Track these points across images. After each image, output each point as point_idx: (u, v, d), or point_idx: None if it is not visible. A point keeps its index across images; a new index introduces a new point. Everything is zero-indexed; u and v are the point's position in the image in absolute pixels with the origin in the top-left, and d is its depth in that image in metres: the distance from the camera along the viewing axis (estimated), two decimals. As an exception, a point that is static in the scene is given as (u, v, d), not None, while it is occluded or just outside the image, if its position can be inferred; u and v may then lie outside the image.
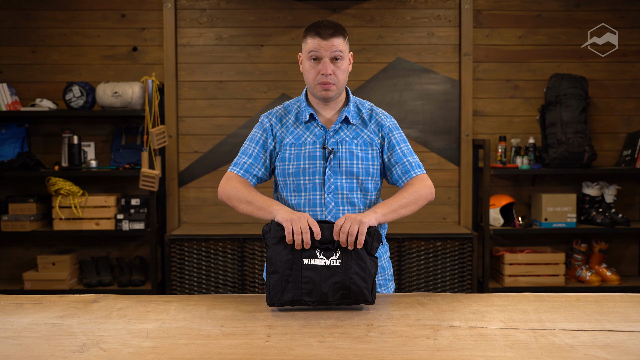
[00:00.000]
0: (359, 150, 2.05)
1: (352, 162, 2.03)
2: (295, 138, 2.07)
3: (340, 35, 2.03)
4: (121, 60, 4.45)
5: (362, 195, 2.06)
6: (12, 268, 4.49)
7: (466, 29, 4.40)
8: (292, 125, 2.09)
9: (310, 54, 2.01)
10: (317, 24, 2.02)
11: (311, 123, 2.08)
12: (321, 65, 2.01)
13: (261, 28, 4.44)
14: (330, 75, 2.01)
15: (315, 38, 2.00)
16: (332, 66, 2.01)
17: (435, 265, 4.13)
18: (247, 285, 4.12)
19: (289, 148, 2.06)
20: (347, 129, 2.08)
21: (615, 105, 4.52)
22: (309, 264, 1.80)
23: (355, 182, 2.04)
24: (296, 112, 2.11)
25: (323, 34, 1.99)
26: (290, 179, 2.05)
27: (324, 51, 2.00)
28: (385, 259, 2.16)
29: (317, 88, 2.04)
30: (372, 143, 2.08)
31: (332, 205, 2.02)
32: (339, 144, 2.04)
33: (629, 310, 1.82)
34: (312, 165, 2.03)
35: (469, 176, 4.46)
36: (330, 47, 2.00)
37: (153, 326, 1.68)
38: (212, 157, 4.46)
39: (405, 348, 1.51)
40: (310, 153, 2.04)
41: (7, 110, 4.17)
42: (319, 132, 2.06)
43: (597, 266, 4.38)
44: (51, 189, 4.19)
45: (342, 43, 2.04)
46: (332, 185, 2.03)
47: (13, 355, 1.48)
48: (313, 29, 2.02)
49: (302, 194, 2.04)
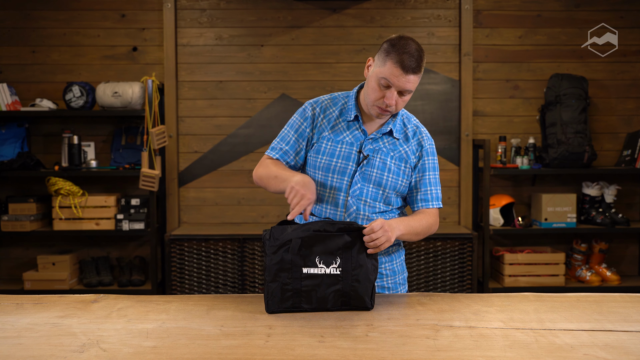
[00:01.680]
0: (392, 164, 2.04)
1: (382, 173, 2.03)
2: (335, 134, 2.05)
3: (419, 72, 1.92)
4: (121, 60, 4.45)
5: (384, 206, 2.06)
6: (12, 268, 4.49)
7: (466, 29, 4.40)
8: (334, 119, 2.08)
9: (382, 80, 1.93)
10: (404, 49, 1.90)
11: (353, 123, 2.06)
12: (388, 93, 1.93)
13: (261, 28, 4.44)
14: (393, 106, 1.96)
15: (396, 67, 1.89)
16: (397, 97, 1.95)
17: (435, 265, 4.13)
18: (247, 285, 4.12)
19: (326, 142, 2.05)
20: (387, 140, 2.06)
21: (615, 105, 4.52)
22: (308, 272, 1.79)
23: (381, 193, 2.04)
24: (342, 107, 2.09)
25: (406, 67, 1.89)
26: (320, 173, 2.05)
27: (399, 85, 1.92)
28: (397, 262, 2.15)
29: (373, 108, 1.99)
30: (407, 160, 2.07)
31: (353, 209, 2.02)
32: (374, 152, 2.03)
33: (629, 310, 1.82)
34: (343, 166, 2.02)
35: (469, 176, 4.46)
36: (406, 83, 1.91)
37: (153, 326, 1.68)
38: (212, 157, 4.46)
39: (405, 348, 1.51)
40: (345, 153, 2.03)
41: (7, 110, 4.17)
42: (358, 135, 2.05)
43: (597, 266, 4.38)
44: (51, 189, 4.19)
45: (418, 79, 1.94)
46: (357, 190, 2.02)
47: (13, 355, 1.48)
48: (398, 54, 1.89)
49: (327, 191, 2.04)
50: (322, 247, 1.79)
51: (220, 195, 4.47)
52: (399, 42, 1.92)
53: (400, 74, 1.90)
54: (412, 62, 1.89)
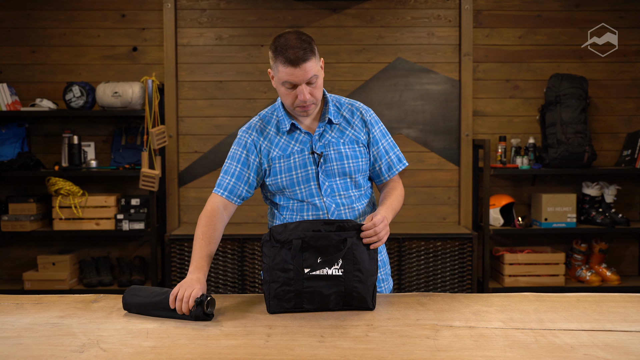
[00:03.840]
0: (347, 149, 2.04)
1: (342, 163, 2.03)
2: (282, 149, 2.04)
3: (310, 56, 1.90)
4: (121, 60, 4.45)
5: (357, 192, 2.07)
6: (12, 268, 4.49)
7: (466, 29, 4.40)
8: (274, 136, 2.05)
9: (285, 84, 1.93)
10: (285, 46, 1.89)
11: (294, 132, 2.05)
12: (298, 91, 1.93)
13: (261, 28, 4.44)
14: (309, 98, 1.95)
15: (287, 66, 1.88)
16: (308, 89, 1.94)
17: (435, 265, 4.13)
18: (247, 285, 4.12)
19: (278, 161, 2.03)
20: (332, 130, 2.06)
21: (615, 105, 4.52)
22: (310, 273, 1.78)
23: (350, 181, 2.05)
24: (275, 122, 2.07)
25: (294, 60, 1.87)
26: (287, 191, 2.04)
27: (299, 79, 1.91)
28: (384, 253, 2.18)
29: (296, 110, 1.99)
30: (358, 140, 2.07)
31: (333, 207, 2.02)
32: (326, 147, 2.03)
33: (629, 310, 1.82)
34: (304, 174, 2.02)
35: (469, 176, 4.46)
36: (304, 74, 1.90)
37: (153, 326, 1.68)
38: (212, 157, 4.46)
39: (405, 348, 1.51)
40: (300, 162, 2.02)
41: (7, 110, 4.17)
42: (304, 139, 2.04)
43: (597, 266, 4.38)
44: (51, 189, 4.19)
45: (315, 63, 1.92)
46: (327, 188, 2.03)
47: (13, 355, 1.48)
48: (282, 54, 1.89)
49: (303, 202, 2.04)
50: (323, 248, 1.79)
51: (220, 195, 4.47)
52: (278, 41, 1.92)
53: (294, 70, 1.89)
54: (297, 52, 1.88)
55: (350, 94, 4.40)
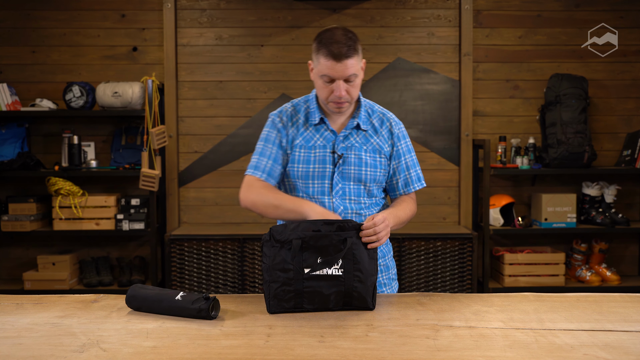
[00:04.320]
0: (368, 157, 2.04)
1: (360, 169, 2.03)
2: (306, 140, 2.05)
3: (354, 54, 1.91)
4: (121, 60, 4.45)
5: (368, 200, 2.07)
6: (12, 268, 4.49)
7: (466, 29, 4.40)
8: (302, 125, 2.07)
9: (323, 77, 1.94)
10: (330, 40, 1.90)
11: (321, 126, 2.06)
12: (335, 86, 1.94)
13: (261, 28, 4.44)
14: (345, 95, 1.95)
15: (328, 60, 1.90)
16: (345, 86, 1.94)
17: (435, 265, 4.13)
18: (247, 285, 4.12)
19: (299, 150, 2.05)
20: (357, 135, 2.06)
21: (615, 105, 4.52)
22: (310, 274, 1.78)
23: (363, 188, 2.05)
24: (305, 112, 2.09)
25: (337, 55, 1.89)
26: (300, 181, 2.05)
27: (338, 75, 1.92)
28: (389, 257, 2.17)
29: (329, 105, 2.00)
30: (381, 150, 2.07)
31: (340, 209, 2.03)
32: (348, 150, 2.03)
33: (629, 310, 1.82)
34: (321, 169, 2.03)
35: (469, 176, 4.46)
36: (344, 70, 1.91)
37: (153, 326, 1.68)
38: (212, 157, 4.46)
39: (405, 348, 1.51)
40: (320, 157, 2.03)
41: (7, 110, 4.17)
42: (329, 136, 2.05)
43: (597, 266, 4.38)
44: (51, 189, 4.19)
45: (356, 62, 1.93)
46: (340, 190, 2.03)
47: (13, 355, 1.48)
48: (326, 47, 1.90)
49: (311, 198, 2.04)
50: (323, 248, 1.79)
51: (220, 195, 4.47)
52: (324, 35, 1.93)
53: (335, 64, 1.90)
54: (342, 48, 1.89)
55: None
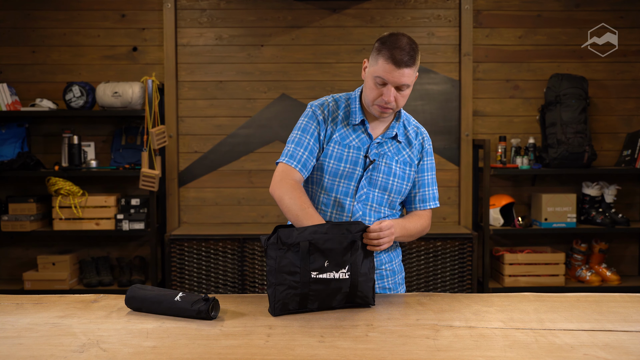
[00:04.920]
0: (398, 168, 2.04)
1: (388, 178, 2.03)
2: (342, 137, 2.04)
3: (412, 64, 1.91)
4: (121, 60, 4.45)
5: (389, 211, 2.07)
6: (12, 268, 4.49)
7: (466, 29, 4.40)
8: (340, 122, 2.05)
9: (378, 79, 1.93)
10: (394, 44, 1.89)
11: (359, 127, 2.05)
12: (385, 90, 1.93)
13: (261, 28, 4.44)
14: (392, 102, 1.95)
15: (388, 63, 1.89)
16: (395, 93, 1.94)
17: (435, 265, 4.13)
18: (247, 285, 4.12)
19: (334, 145, 2.03)
20: (391, 144, 2.06)
21: (615, 105, 4.52)
22: (317, 277, 1.77)
23: (387, 198, 2.05)
24: (345, 109, 2.07)
25: (398, 61, 1.88)
26: (327, 177, 2.03)
27: (393, 80, 1.91)
28: (396, 262, 2.16)
29: (374, 107, 1.99)
30: (411, 164, 2.07)
31: (359, 214, 2.02)
32: (380, 157, 2.03)
33: (629, 310, 1.82)
34: (351, 170, 2.02)
35: (469, 176, 4.46)
36: (400, 77, 1.90)
37: (153, 326, 1.68)
38: (212, 157, 4.46)
39: (405, 348, 1.51)
40: (353, 157, 2.02)
41: (7, 110, 4.17)
42: (365, 139, 2.04)
43: (597, 266, 4.38)
44: (51, 189, 4.19)
45: (413, 72, 1.93)
46: (364, 195, 2.02)
47: (13, 355, 1.48)
48: (389, 50, 1.89)
49: (332, 195, 2.03)
50: (330, 251, 1.78)
51: (220, 195, 4.47)
52: (389, 38, 1.92)
53: (393, 69, 1.89)
54: (403, 55, 1.88)
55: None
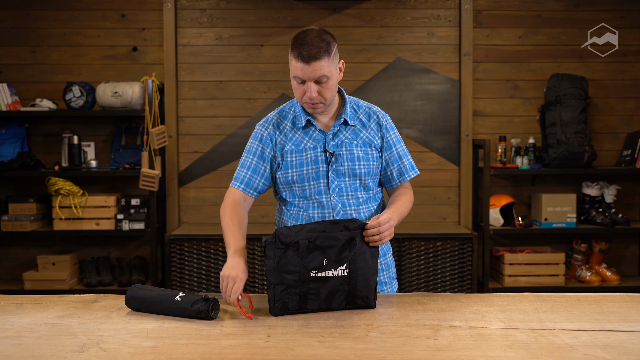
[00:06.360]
0: (360, 151, 2.06)
1: (353, 164, 2.04)
2: (295, 144, 2.06)
3: (324, 56, 1.92)
4: (121, 60, 4.45)
5: (365, 194, 2.08)
6: (12, 268, 4.49)
7: (466, 29, 4.40)
8: (290, 131, 2.08)
9: (296, 78, 1.96)
10: (302, 41, 1.92)
11: (309, 128, 2.07)
12: (306, 87, 1.95)
13: (261, 28, 4.44)
14: (316, 97, 1.96)
15: (298, 61, 1.92)
16: (317, 87, 1.95)
17: (435, 265, 4.13)
18: (247, 285, 4.12)
19: (290, 155, 2.05)
20: (346, 131, 2.08)
21: (615, 105, 4.52)
22: (316, 275, 1.78)
23: (359, 183, 2.06)
24: (292, 117, 2.10)
25: (306, 57, 1.90)
26: (296, 186, 2.05)
27: (308, 76, 1.93)
28: (389, 256, 2.18)
29: (304, 105, 2.03)
30: (371, 144, 2.09)
31: (339, 206, 2.03)
32: (339, 147, 2.05)
33: (629, 310, 1.82)
34: (315, 170, 2.03)
35: (469, 176, 4.46)
36: (313, 72, 1.92)
37: (153, 326, 1.68)
38: (212, 157, 4.46)
39: (405, 348, 1.51)
40: (312, 158, 2.04)
41: (7, 110, 4.17)
42: (318, 136, 2.06)
43: (597, 266, 4.38)
44: (51, 189, 4.19)
45: (327, 64, 1.93)
46: (336, 187, 2.03)
47: (13, 355, 1.48)
48: (296, 49, 1.93)
49: (309, 199, 2.04)
50: (329, 249, 1.78)
51: (221, 195, 4.47)
52: (297, 36, 1.96)
53: (303, 66, 1.92)
54: (311, 50, 1.90)
55: (349, 94, 4.39)
